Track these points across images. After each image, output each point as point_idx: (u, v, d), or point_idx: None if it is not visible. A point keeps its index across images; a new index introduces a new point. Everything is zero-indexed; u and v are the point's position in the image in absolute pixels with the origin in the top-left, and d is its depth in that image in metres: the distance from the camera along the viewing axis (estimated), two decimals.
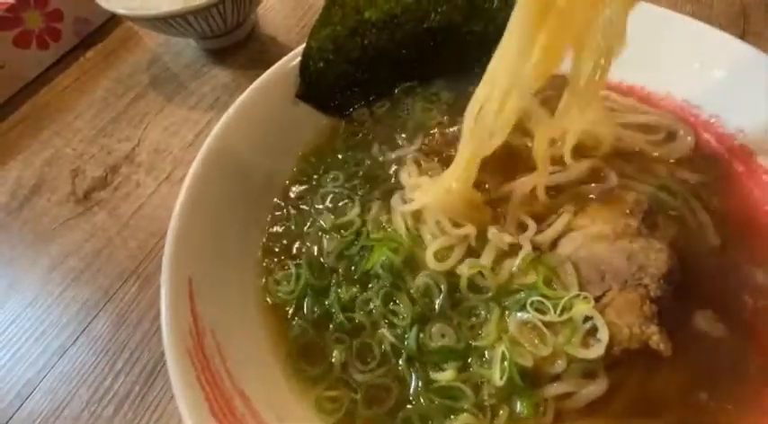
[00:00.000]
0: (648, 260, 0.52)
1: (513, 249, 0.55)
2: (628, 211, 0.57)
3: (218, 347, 0.51)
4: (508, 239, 0.55)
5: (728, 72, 0.64)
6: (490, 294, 0.54)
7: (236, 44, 1.07)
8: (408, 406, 0.51)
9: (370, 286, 0.57)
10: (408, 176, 0.65)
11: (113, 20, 1.17)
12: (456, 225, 0.57)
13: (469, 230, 0.56)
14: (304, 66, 0.68)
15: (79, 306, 0.77)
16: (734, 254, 0.56)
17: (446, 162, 0.65)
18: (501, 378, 0.48)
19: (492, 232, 0.56)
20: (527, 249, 0.54)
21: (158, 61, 1.09)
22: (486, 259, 0.55)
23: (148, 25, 0.97)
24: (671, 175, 0.62)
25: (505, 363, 0.48)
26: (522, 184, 0.60)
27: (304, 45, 0.69)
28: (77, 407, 0.68)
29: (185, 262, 0.53)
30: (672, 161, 0.64)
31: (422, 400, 0.51)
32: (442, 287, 0.55)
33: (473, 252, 0.56)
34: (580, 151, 0.61)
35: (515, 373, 0.48)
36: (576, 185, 0.61)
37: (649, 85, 0.69)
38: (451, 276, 0.55)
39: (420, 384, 0.52)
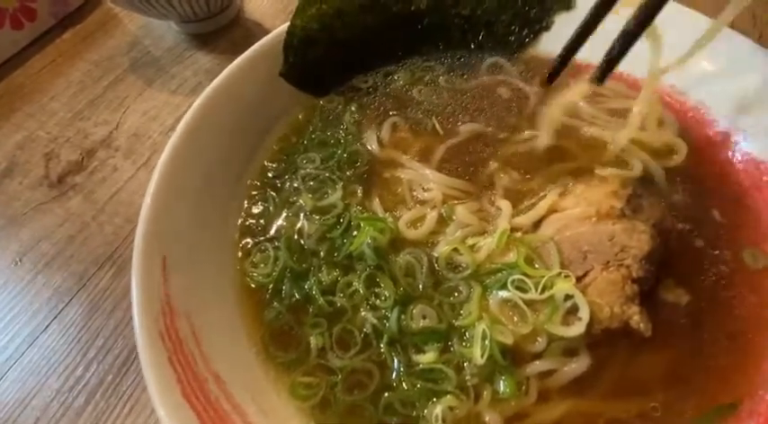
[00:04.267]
0: (631, 241, 0.52)
1: (485, 226, 0.56)
2: (612, 193, 0.57)
3: (193, 329, 0.50)
4: (473, 220, 0.56)
5: (715, 58, 0.64)
6: (468, 271, 0.53)
7: (219, 29, 1.05)
8: (390, 392, 0.50)
9: (353, 268, 0.56)
10: (377, 138, 0.66)
11: (92, 1, 1.13)
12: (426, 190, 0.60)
13: (435, 194, 0.59)
14: (288, 44, 0.67)
15: (51, 293, 0.74)
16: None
17: (419, 133, 0.66)
18: (482, 356, 0.47)
19: (459, 210, 0.57)
20: (503, 226, 0.54)
21: (139, 44, 1.06)
22: (452, 234, 0.56)
23: (129, 5, 0.94)
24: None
25: (486, 341, 0.48)
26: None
27: (288, 23, 0.67)
28: (46, 397, 0.65)
29: (159, 241, 0.51)
30: (656, 146, 0.64)
31: (404, 384, 0.50)
32: (424, 264, 0.54)
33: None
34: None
35: (496, 350, 0.47)
36: (548, 164, 0.62)
37: (637, 72, 0.70)
38: (432, 252, 0.55)
39: (401, 367, 0.51)
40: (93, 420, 0.63)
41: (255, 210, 0.63)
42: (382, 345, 0.52)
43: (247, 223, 0.62)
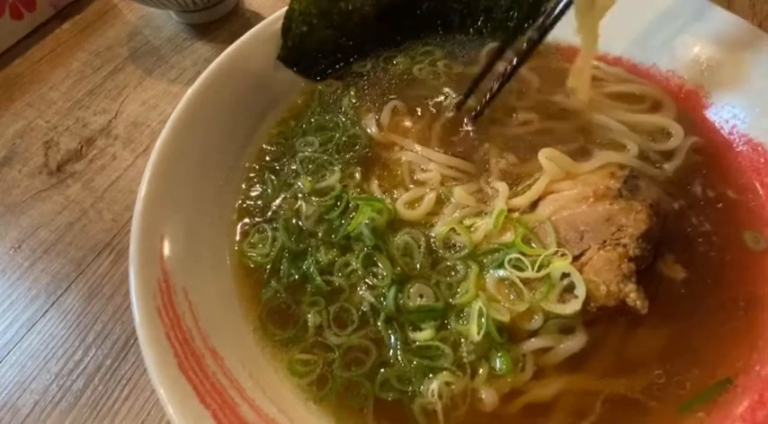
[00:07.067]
0: (628, 221, 0.52)
1: (483, 207, 0.57)
2: (610, 175, 0.57)
3: (191, 306, 0.50)
4: (471, 201, 0.57)
5: (714, 43, 0.64)
6: (466, 251, 0.53)
7: (219, 19, 1.05)
8: (387, 368, 0.50)
9: (351, 249, 0.56)
10: (376, 122, 0.66)
11: None
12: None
13: (433, 175, 0.59)
14: (286, 28, 0.67)
15: (49, 279, 0.75)
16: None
17: (418, 117, 0.66)
18: (479, 333, 0.47)
19: (457, 191, 0.57)
20: (500, 207, 0.54)
21: (138, 34, 1.06)
22: (450, 215, 0.56)
23: None
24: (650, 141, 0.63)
25: (482, 318, 0.48)
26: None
27: (286, 8, 0.67)
28: (45, 381, 0.65)
29: (157, 219, 0.52)
30: (655, 129, 0.64)
31: (400, 361, 0.50)
32: (422, 244, 0.54)
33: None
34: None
35: (492, 328, 0.47)
36: (545, 146, 0.61)
37: (636, 56, 0.70)
38: (430, 232, 0.56)
39: (398, 344, 0.51)
40: (92, 404, 0.63)
41: (254, 192, 0.63)
42: (379, 323, 0.52)
43: (245, 204, 0.62)
